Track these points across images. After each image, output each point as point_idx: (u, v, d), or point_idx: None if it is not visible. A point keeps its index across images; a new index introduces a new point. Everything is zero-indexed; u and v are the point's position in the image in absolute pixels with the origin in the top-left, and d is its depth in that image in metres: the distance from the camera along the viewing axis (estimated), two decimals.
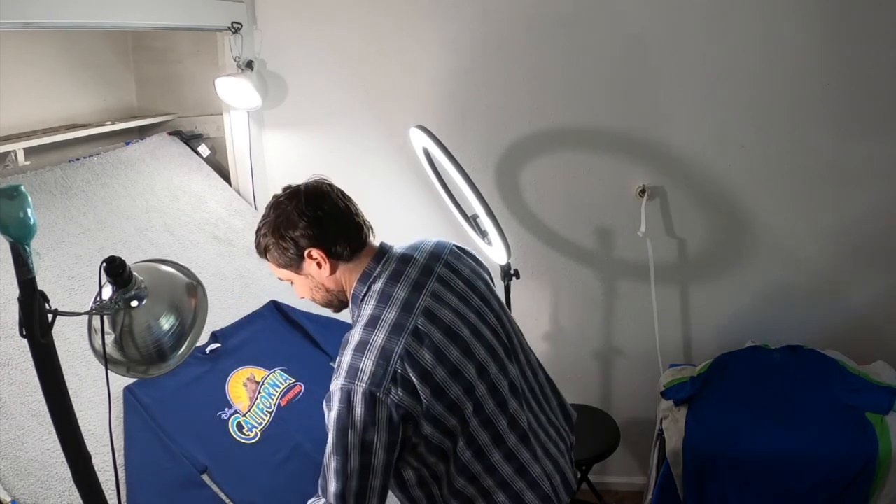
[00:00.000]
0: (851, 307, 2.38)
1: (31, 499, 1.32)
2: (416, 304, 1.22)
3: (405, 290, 1.24)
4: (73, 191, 2.08)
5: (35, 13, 1.60)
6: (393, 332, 1.18)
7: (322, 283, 1.31)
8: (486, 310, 1.33)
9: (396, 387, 1.13)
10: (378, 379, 1.13)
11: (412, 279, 1.26)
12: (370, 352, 1.16)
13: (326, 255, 1.26)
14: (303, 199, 1.27)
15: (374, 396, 1.12)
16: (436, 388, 1.17)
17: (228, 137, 2.61)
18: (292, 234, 1.25)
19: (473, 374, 1.23)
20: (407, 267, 1.28)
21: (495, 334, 1.32)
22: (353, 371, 1.14)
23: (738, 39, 2.19)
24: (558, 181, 2.47)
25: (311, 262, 1.27)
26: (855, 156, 2.22)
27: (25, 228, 0.82)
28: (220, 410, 1.76)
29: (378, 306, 1.22)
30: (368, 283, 1.27)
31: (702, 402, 2.16)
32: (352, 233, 1.28)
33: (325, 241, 1.25)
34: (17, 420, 1.44)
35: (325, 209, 1.27)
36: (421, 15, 2.40)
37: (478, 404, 1.23)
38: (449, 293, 1.28)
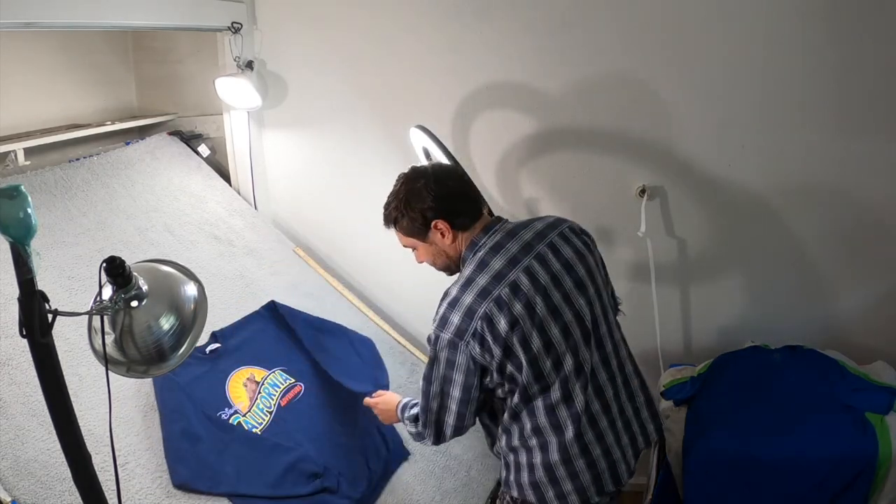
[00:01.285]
0: (851, 307, 2.38)
1: (31, 499, 1.32)
2: (506, 276, 1.38)
3: (501, 261, 1.40)
4: (73, 191, 2.08)
5: (35, 13, 1.60)
6: (480, 295, 1.36)
7: (444, 250, 1.49)
8: (577, 294, 1.44)
9: (475, 341, 1.35)
10: (461, 332, 1.35)
11: (511, 253, 1.41)
12: (458, 308, 1.36)
13: (450, 226, 1.45)
14: (431, 177, 1.46)
15: (455, 344, 1.36)
16: (506, 350, 1.36)
17: (228, 137, 2.61)
18: (421, 207, 1.44)
19: (540, 348, 1.38)
20: (510, 241, 1.44)
21: (578, 318, 1.43)
22: (444, 321, 1.38)
23: (738, 39, 2.19)
24: (558, 181, 2.46)
25: (436, 232, 1.46)
26: (855, 156, 2.22)
27: (25, 228, 0.82)
28: (220, 410, 1.76)
29: (475, 271, 1.40)
30: (474, 250, 1.45)
31: (702, 402, 2.16)
32: (470, 206, 1.48)
33: (449, 213, 1.45)
34: (17, 420, 1.44)
35: (449, 185, 1.46)
36: (421, 15, 2.40)
37: (539, 375, 1.39)
38: (542, 271, 1.41)
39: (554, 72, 2.34)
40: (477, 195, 1.54)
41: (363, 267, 2.75)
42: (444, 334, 1.37)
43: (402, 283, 2.70)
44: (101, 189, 2.16)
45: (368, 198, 2.67)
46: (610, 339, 1.51)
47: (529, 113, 2.41)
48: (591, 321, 1.46)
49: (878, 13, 2.07)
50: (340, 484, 1.73)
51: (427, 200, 1.44)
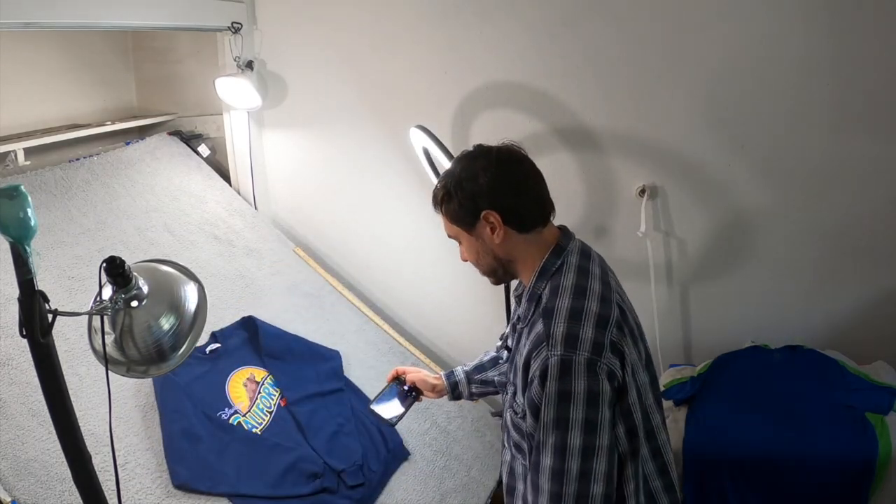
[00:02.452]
0: (851, 307, 2.38)
1: (31, 499, 1.32)
2: (609, 284, 1.21)
3: (596, 267, 1.23)
4: (73, 191, 2.08)
5: (35, 13, 1.60)
6: (602, 302, 1.14)
7: (492, 248, 1.24)
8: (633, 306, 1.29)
9: (615, 354, 1.09)
10: (599, 347, 1.08)
11: (598, 262, 1.26)
12: (587, 318, 1.10)
13: (503, 221, 1.20)
14: (494, 158, 1.22)
15: (594, 365, 1.06)
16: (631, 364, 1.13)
17: (228, 137, 2.61)
18: (473, 190, 1.19)
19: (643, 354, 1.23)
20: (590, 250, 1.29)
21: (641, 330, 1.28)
22: (573, 339, 1.08)
23: (738, 39, 2.19)
24: (558, 181, 2.45)
25: (485, 225, 1.21)
26: (855, 156, 2.22)
27: (25, 228, 0.82)
28: (220, 410, 1.76)
29: (581, 277, 1.18)
30: (563, 255, 1.22)
31: (702, 402, 2.16)
32: (536, 205, 1.23)
33: (505, 205, 1.19)
34: (17, 420, 1.44)
35: (513, 173, 1.21)
36: (421, 15, 2.40)
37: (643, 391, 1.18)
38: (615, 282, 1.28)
39: (554, 72, 2.34)
40: (547, 194, 1.27)
41: (363, 267, 2.75)
42: (576, 356, 1.05)
43: (402, 283, 2.70)
44: (101, 189, 2.16)
45: (369, 197, 2.70)
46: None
47: (529, 113, 2.41)
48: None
49: (877, 13, 2.07)
50: (340, 484, 1.73)
51: (482, 184, 1.19)
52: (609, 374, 1.07)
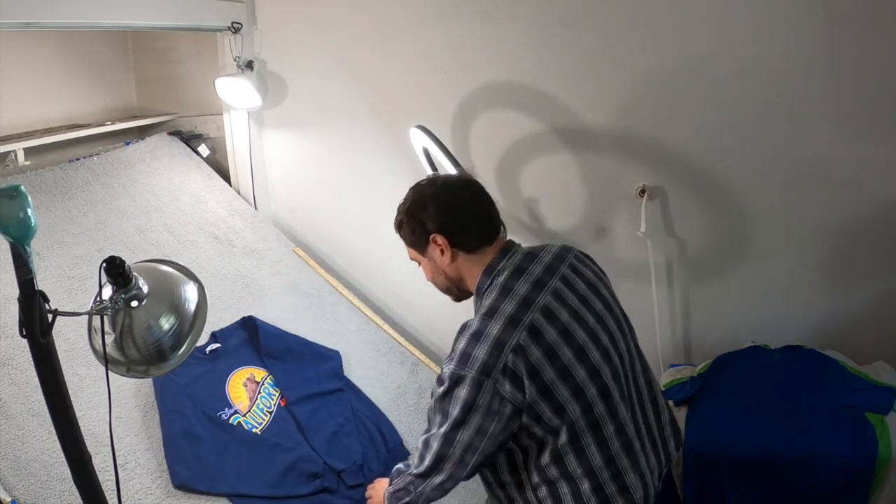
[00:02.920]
0: (851, 307, 2.38)
1: (31, 499, 1.33)
2: (535, 301, 1.25)
3: (526, 285, 1.27)
4: (73, 191, 2.08)
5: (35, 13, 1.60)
6: (509, 324, 1.21)
7: (443, 269, 1.37)
8: (608, 315, 1.35)
9: (505, 378, 1.18)
10: (489, 368, 1.18)
11: (535, 276, 1.30)
12: (484, 341, 1.20)
13: (449, 243, 1.32)
14: (440, 186, 1.36)
15: (480, 384, 1.18)
16: (542, 388, 1.20)
17: (228, 137, 2.61)
18: (422, 216, 1.33)
19: (584, 377, 1.24)
20: (531, 264, 1.32)
21: (612, 340, 1.33)
22: (465, 357, 1.20)
23: (738, 39, 2.19)
24: (558, 181, 2.46)
25: (435, 247, 1.34)
26: (855, 156, 2.22)
27: (25, 228, 0.82)
28: (220, 410, 1.76)
29: (498, 298, 1.25)
30: (492, 275, 1.31)
31: (702, 402, 2.16)
32: (479, 226, 1.34)
33: (450, 229, 1.32)
34: (17, 420, 1.44)
35: (457, 199, 1.34)
36: (421, 15, 2.40)
37: (587, 406, 1.25)
38: (570, 294, 1.30)
39: (554, 72, 2.34)
40: (493, 215, 1.38)
41: (363, 267, 2.75)
42: (466, 372, 1.19)
43: (402, 283, 2.70)
44: (101, 189, 2.16)
45: (368, 197, 2.69)
46: (639, 359, 1.43)
47: (529, 113, 2.41)
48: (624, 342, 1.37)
49: (877, 14, 2.07)
50: (340, 484, 1.73)
51: (430, 210, 1.32)
52: (493, 392, 1.18)
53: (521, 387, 1.19)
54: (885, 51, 2.10)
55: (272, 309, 2.17)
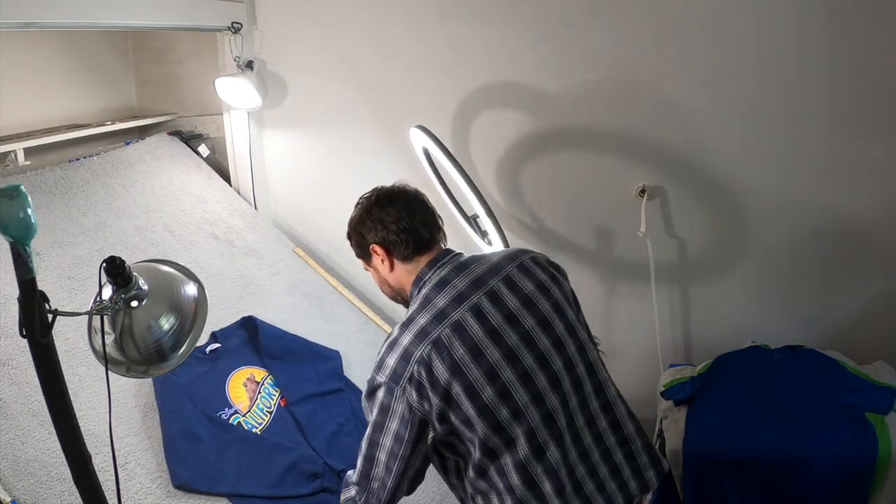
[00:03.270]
0: (851, 307, 2.38)
1: (31, 499, 1.32)
2: (448, 315, 1.26)
3: (445, 299, 1.28)
4: (73, 191, 2.08)
5: (35, 13, 1.60)
6: (418, 336, 1.24)
7: (385, 278, 1.42)
8: (541, 333, 1.30)
9: (411, 387, 1.22)
10: (397, 376, 1.23)
11: (457, 290, 1.29)
12: (396, 350, 1.25)
13: (387, 253, 1.37)
14: (373, 200, 1.40)
15: (391, 390, 1.23)
16: (447, 399, 1.22)
17: (228, 137, 2.61)
18: (361, 229, 1.40)
19: (493, 396, 1.23)
20: (456, 276, 1.32)
21: (542, 360, 1.29)
22: (380, 364, 1.26)
23: (738, 39, 2.19)
24: (558, 181, 2.46)
25: (376, 258, 1.40)
26: (855, 156, 2.22)
27: (25, 228, 0.82)
28: (220, 410, 1.76)
29: (417, 310, 1.29)
30: (419, 286, 1.35)
31: (702, 402, 2.16)
32: (413, 236, 1.36)
33: (386, 239, 1.36)
34: (17, 420, 1.44)
35: (390, 211, 1.36)
36: (421, 15, 2.40)
37: (497, 425, 1.24)
38: (494, 310, 1.28)
39: (554, 72, 2.34)
40: (428, 224, 1.38)
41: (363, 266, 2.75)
42: (379, 377, 1.25)
43: None
44: (101, 189, 2.16)
45: None
46: (589, 379, 1.35)
47: (529, 113, 2.41)
48: (564, 362, 1.31)
49: (877, 13, 2.07)
50: (340, 484, 1.73)
51: (367, 223, 1.38)
52: (403, 400, 1.22)
53: (426, 397, 1.21)
54: (886, 51, 2.10)
55: (272, 309, 2.17)
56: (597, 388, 1.37)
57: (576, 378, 1.33)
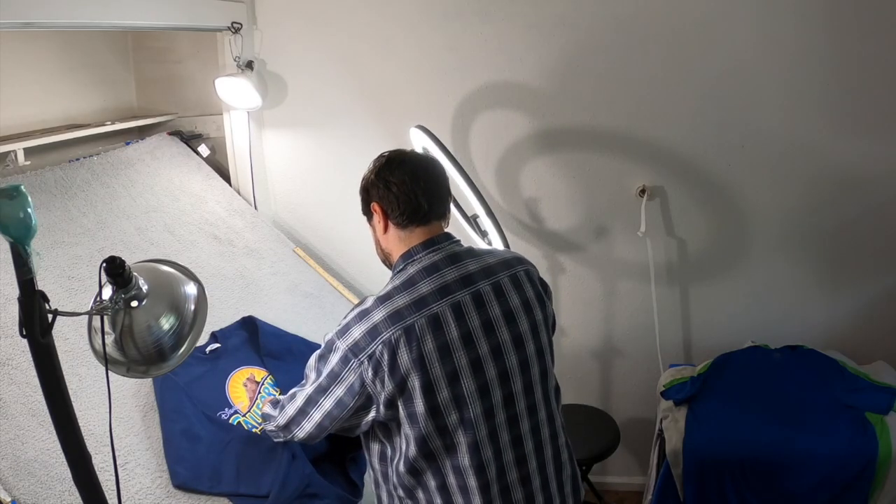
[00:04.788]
0: (851, 307, 2.38)
1: (31, 499, 1.32)
2: (429, 305, 1.22)
3: (431, 286, 1.24)
4: (73, 191, 2.08)
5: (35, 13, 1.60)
6: (391, 317, 1.20)
7: (379, 239, 1.39)
8: (511, 351, 1.27)
9: (369, 364, 1.19)
10: (358, 349, 1.20)
11: (444, 281, 1.25)
12: (364, 322, 1.21)
13: (384, 214, 1.34)
14: (384, 159, 1.38)
15: (347, 360, 1.21)
16: (402, 388, 1.20)
17: (228, 137, 2.61)
18: (367, 185, 1.38)
19: (448, 400, 1.21)
20: (449, 267, 1.27)
21: (503, 378, 1.26)
22: (345, 330, 1.23)
23: (738, 39, 2.19)
24: (558, 181, 2.47)
25: (375, 216, 1.36)
26: (854, 156, 2.22)
27: (25, 228, 0.82)
28: (220, 410, 1.76)
29: (398, 287, 1.25)
30: (406, 262, 1.29)
31: (702, 402, 2.16)
32: (410, 204, 1.31)
33: (385, 199, 1.33)
34: (17, 420, 1.44)
35: (396, 173, 1.33)
36: (421, 15, 2.40)
37: (442, 430, 1.22)
38: (474, 314, 1.25)
39: (554, 72, 2.34)
40: (436, 200, 1.34)
41: (363, 267, 2.75)
42: (340, 343, 1.22)
43: None
44: (101, 189, 2.16)
45: None
46: (545, 407, 1.33)
47: (529, 113, 2.41)
48: (523, 384, 1.28)
49: (877, 14, 2.07)
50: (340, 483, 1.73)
51: (371, 179, 1.37)
52: (356, 372, 1.21)
53: (381, 379, 1.19)
54: (886, 50, 2.10)
55: (272, 309, 2.17)
56: (549, 417, 1.35)
57: (531, 404, 1.30)
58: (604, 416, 2.41)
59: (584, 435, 2.27)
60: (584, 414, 2.43)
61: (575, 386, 2.68)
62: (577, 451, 2.27)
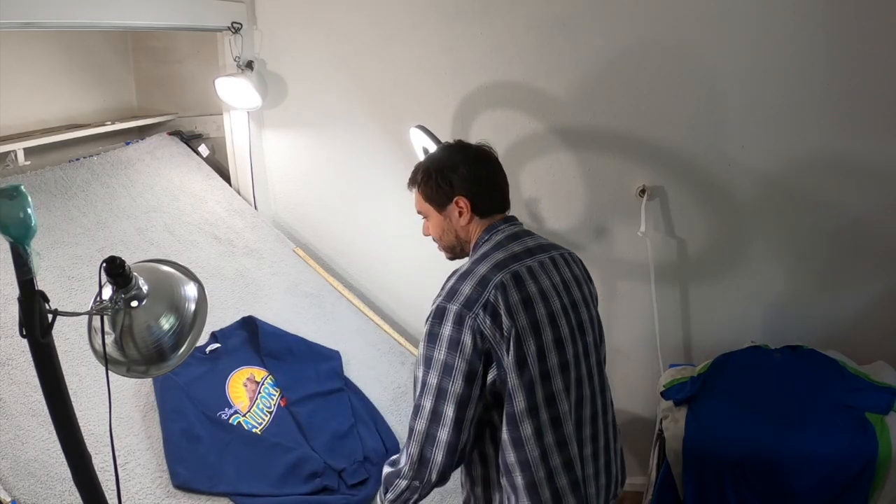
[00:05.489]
0: (851, 307, 2.38)
1: (31, 499, 1.32)
2: (522, 259, 1.32)
3: (519, 247, 1.35)
4: (73, 191, 2.08)
5: (35, 13, 1.60)
6: (496, 266, 1.28)
7: (456, 228, 1.43)
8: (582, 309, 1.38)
9: (486, 313, 1.22)
10: (471, 302, 1.23)
11: (526, 245, 1.37)
12: (471, 278, 1.27)
13: (471, 206, 1.39)
14: (472, 154, 1.43)
15: (462, 318, 1.22)
16: (515, 330, 1.23)
17: (228, 137, 2.61)
18: (451, 177, 1.39)
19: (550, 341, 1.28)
20: (525, 236, 1.40)
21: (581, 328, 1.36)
22: (452, 292, 1.26)
23: (738, 39, 2.19)
24: (558, 181, 2.46)
25: (455, 208, 1.40)
26: (855, 155, 2.22)
27: (25, 228, 0.82)
28: (220, 410, 1.76)
29: (491, 248, 1.34)
30: (492, 233, 1.39)
31: (702, 402, 2.16)
32: (496, 197, 1.43)
33: (475, 194, 1.39)
34: (17, 420, 1.44)
35: (486, 169, 1.42)
36: (421, 15, 2.40)
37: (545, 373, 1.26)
38: (554, 271, 1.37)
39: (554, 72, 2.34)
40: (506, 190, 1.47)
41: (363, 267, 2.75)
42: (451, 305, 1.23)
43: (402, 283, 2.70)
44: (101, 189, 2.16)
45: (368, 197, 2.69)
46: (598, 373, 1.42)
47: (529, 113, 2.41)
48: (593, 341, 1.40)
49: (877, 13, 2.07)
50: (340, 483, 1.73)
51: (461, 172, 1.39)
52: (474, 328, 1.22)
53: (499, 323, 1.23)
54: (886, 50, 2.10)
55: (272, 309, 2.17)
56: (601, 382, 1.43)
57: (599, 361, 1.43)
58: None
59: None
60: None
61: None
62: None
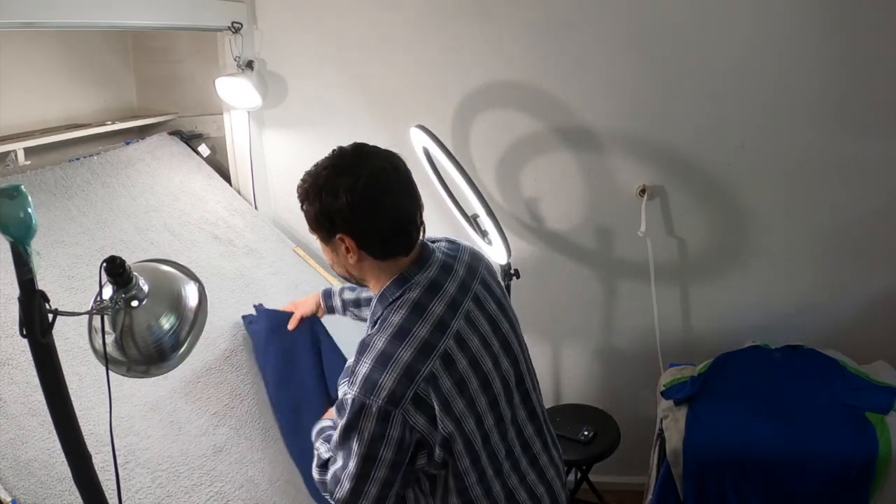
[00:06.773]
0: (851, 307, 2.38)
1: (31, 499, 1.32)
2: (449, 325, 1.14)
3: (442, 305, 1.15)
4: (73, 191, 2.08)
5: (35, 13, 1.60)
6: (422, 351, 1.09)
7: (345, 265, 1.23)
8: (513, 337, 1.27)
9: (416, 409, 1.08)
10: (397, 398, 1.06)
11: (450, 295, 1.17)
12: (394, 367, 1.07)
13: (357, 247, 1.15)
14: (362, 178, 1.10)
15: (388, 415, 1.06)
16: (454, 419, 1.11)
17: (228, 137, 2.61)
18: (330, 207, 1.12)
19: (485, 407, 1.17)
20: (447, 279, 1.19)
21: (514, 363, 1.27)
22: (371, 386, 1.07)
23: (738, 39, 2.19)
24: (558, 181, 2.46)
25: (341, 245, 1.17)
26: (855, 155, 2.22)
27: (26, 228, 0.82)
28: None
29: (410, 318, 1.12)
30: (403, 287, 1.17)
31: (702, 402, 2.16)
32: (397, 238, 1.16)
33: (361, 234, 1.14)
34: (17, 420, 1.43)
35: (376, 200, 1.11)
36: (421, 15, 2.40)
37: (485, 436, 1.18)
38: (481, 317, 1.21)
39: (554, 72, 2.34)
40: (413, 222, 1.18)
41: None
42: (371, 401, 1.06)
43: None
44: (101, 189, 2.16)
45: None
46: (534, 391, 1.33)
47: (529, 113, 2.41)
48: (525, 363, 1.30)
49: (876, 12, 2.07)
50: None
51: (341, 204, 1.10)
52: (405, 423, 1.07)
53: (432, 417, 1.09)
54: (886, 50, 2.10)
55: None
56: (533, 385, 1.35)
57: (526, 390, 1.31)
58: (604, 415, 2.41)
59: (585, 435, 2.27)
60: (584, 414, 2.43)
61: (575, 386, 2.68)
62: (577, 451, 2.27)
